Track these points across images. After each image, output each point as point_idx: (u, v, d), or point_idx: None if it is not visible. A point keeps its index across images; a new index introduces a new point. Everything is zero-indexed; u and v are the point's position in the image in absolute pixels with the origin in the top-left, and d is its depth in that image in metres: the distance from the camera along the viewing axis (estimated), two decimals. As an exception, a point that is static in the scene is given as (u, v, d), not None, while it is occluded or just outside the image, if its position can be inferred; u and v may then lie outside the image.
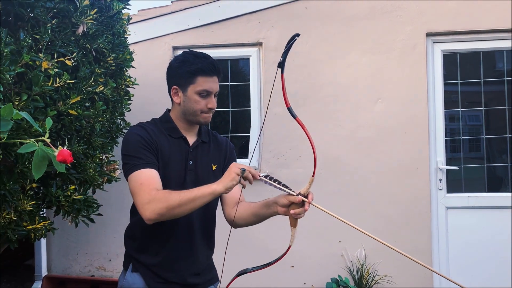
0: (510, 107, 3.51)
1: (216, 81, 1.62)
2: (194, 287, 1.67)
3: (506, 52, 3.53)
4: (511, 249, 3.42)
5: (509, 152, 3.53)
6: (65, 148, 0.97)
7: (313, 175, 1.43)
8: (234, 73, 3.77)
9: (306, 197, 1.42)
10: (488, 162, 3.58)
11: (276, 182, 1.44)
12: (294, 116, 1.44)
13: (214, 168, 1.69)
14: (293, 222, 1.50)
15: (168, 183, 1.54)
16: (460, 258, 3.47)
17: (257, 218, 1.61)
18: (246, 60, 3.71)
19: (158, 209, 1.41)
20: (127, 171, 1.53)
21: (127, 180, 1.54)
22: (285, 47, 1.39)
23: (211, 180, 1.64)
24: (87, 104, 2.25)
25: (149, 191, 1.45)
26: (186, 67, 1.59)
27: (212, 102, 1.61)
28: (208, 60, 1.61)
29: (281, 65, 1.41)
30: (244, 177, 1.40)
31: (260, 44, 3.63)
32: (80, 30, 2.14)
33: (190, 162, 1.63)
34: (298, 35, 1.38)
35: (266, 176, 1.44)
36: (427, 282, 3.43)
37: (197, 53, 1.64)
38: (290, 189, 1.44)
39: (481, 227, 3.46)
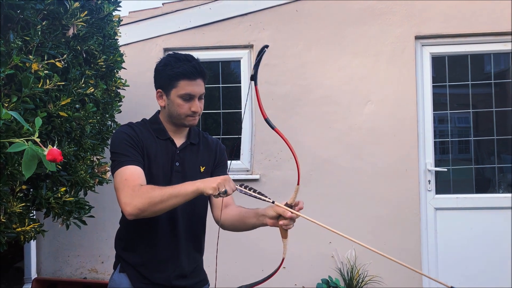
0: (497, 109, 3.57)
1: (200, 84, 1.60)
2: None
3: (493, 55, 3.59)
4: (510, 249, 3.46)
5: (496, 154, 3.59)
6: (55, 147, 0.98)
7: (297, 184, 1.42)
8: (225, 75, 3.78)
9: (292, 206, 1.41)
10: (476, 163, 3.62)
11: (252, 191, 1.42)
12: (272, 127, 1.44)
13: (202, 170, 1.67)
14: (284, 234, 1.47)
15: (153, 184, 1.54)
16: (449, 259, 3.51)
17: (245, 226, 1.58)
18: (237, 62, 3.73)
19: (140, 204, 1.40)
20: (113, 168, 1.54)
21: (113, 177, 1.55)
22: (256, 59, 1.39)
23: None
24: (77, 105, 2.25)
25: (132, 186, 1.45)
26: (168, 70, 1.58)
27: (196, 106, 1.59)
28: (190, 63, 1.58)
29: (253, 77, 1.39)
30: (221, 196, 1.37)
31: (251, 46, 3.65)
32: (71, 32, 2.14)
33: (177, 163, 1.63)
34: (266, 46, 1.38)
35: (241, 185, 1.43)
36: (416, 283, 3.47)
37: (180, 55, 1.62)
38: (266, 197, 1.42)
39: (469, 228, 3.50)
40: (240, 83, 3.69)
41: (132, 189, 1.44)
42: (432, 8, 3.50)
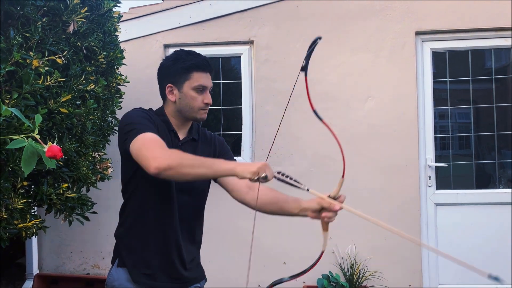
0: (497, 104, 3.56)
1: (209, 77, 1.65)
2: (179, 284, 1.67)
3: (494, 50, 3.58)
4: (511, 245, 3.47)
5: (496, 149, 3.59)
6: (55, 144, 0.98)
7: (342, 177, 1.42)
8: (226, 71, 3.78)
9: (335, 199, 1.43)
10: (476, 159, 3.62)
11: (288, 178, 1.40)
12: (320, 118, 1.44)
13: None
14: (325, 227, 1.48)
15: None
16: (449, 254, 3.51)
17: (281, 211, 1.57)
18: (237, 58, 3.73)
19: (171, 160, 1.34)
20: (132, 137, 1.47)
21: (129, 150, 1.46)
22: (308, 50, 1.37)
23: None
24: (78, 102, 2.25)
25: (161, 146, 1.41)
26: (180, 63, 1.61)
27: (208, 98, 1.64)
28: (201, 57, 1.64)
29: (304, 68, 1.40)
30: (261, 181, 1.33)
31: (252, 42, 3.64)
32: (71, 29, 2.15)
33: None
34: (320, 38, 1.36)
35: (278, 173, 1.40)
36: (416, 278, 3.48)
37: (189, 50, 1.67)
38: (302, 184, 1.39)
39: (469, 223, 3.51)
40: (241, 79, 3.69)
41: (161, 147, 1.41)
42: (432, 3, 3.49)
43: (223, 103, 3.73)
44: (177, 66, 1.61)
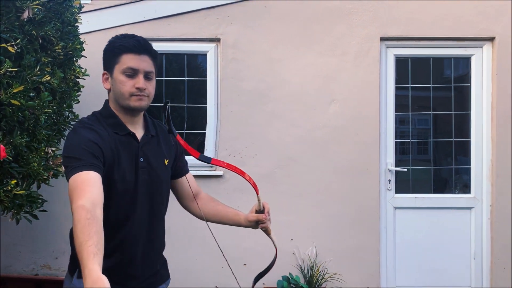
0: (456, 112, 3.68)
1: (146, 60, 1.49)
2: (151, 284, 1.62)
3: (453, 59, 3.70)
4: (466, 247, 3.58)
5: (453, 155, 3.70)
6: (5, 140, 0.91)
7: (257, 194, 1.63)
8: (191, 68, 3.71)
9: (262, 210, 1.67)
10: (434, 164, 3.73)
11: None
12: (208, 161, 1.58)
13: (166, 162, 1.60)
14: (267, 232, 1.72)
15: (117, 187, 1.45)
16: (407, 257, 3.60)
17: (222, 222, 1.75)
18: (203, 56, 3.67)
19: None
20: (68, 175, 1.37)
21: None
22: (164, 117, 1.56)
23: (165, 176, 1.60)
24: (31, 94, 2.13)
25: (85, 194, 1.27)
26: (110, 46, 1.51)
27: (140, 82, 1.47)
28: (134, 38, 1.50)
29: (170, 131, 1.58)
30: None
31: (218, 40, 3.59)
32: (25, 15, 2.03)
33: (141, 159, 1.53)
34: (168, 102, 1.56)
35: None
36: (374, 281, 3.54)
37: (127, 34, 1.54)
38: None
39: (426, 226, 3.61)
40: (206, 77, 3.63)
41: (84, 198, 1.26)
42: (398, 10, 3.55)
43: (187, 101, 3.66)
44: (108, 49, 1.52)
